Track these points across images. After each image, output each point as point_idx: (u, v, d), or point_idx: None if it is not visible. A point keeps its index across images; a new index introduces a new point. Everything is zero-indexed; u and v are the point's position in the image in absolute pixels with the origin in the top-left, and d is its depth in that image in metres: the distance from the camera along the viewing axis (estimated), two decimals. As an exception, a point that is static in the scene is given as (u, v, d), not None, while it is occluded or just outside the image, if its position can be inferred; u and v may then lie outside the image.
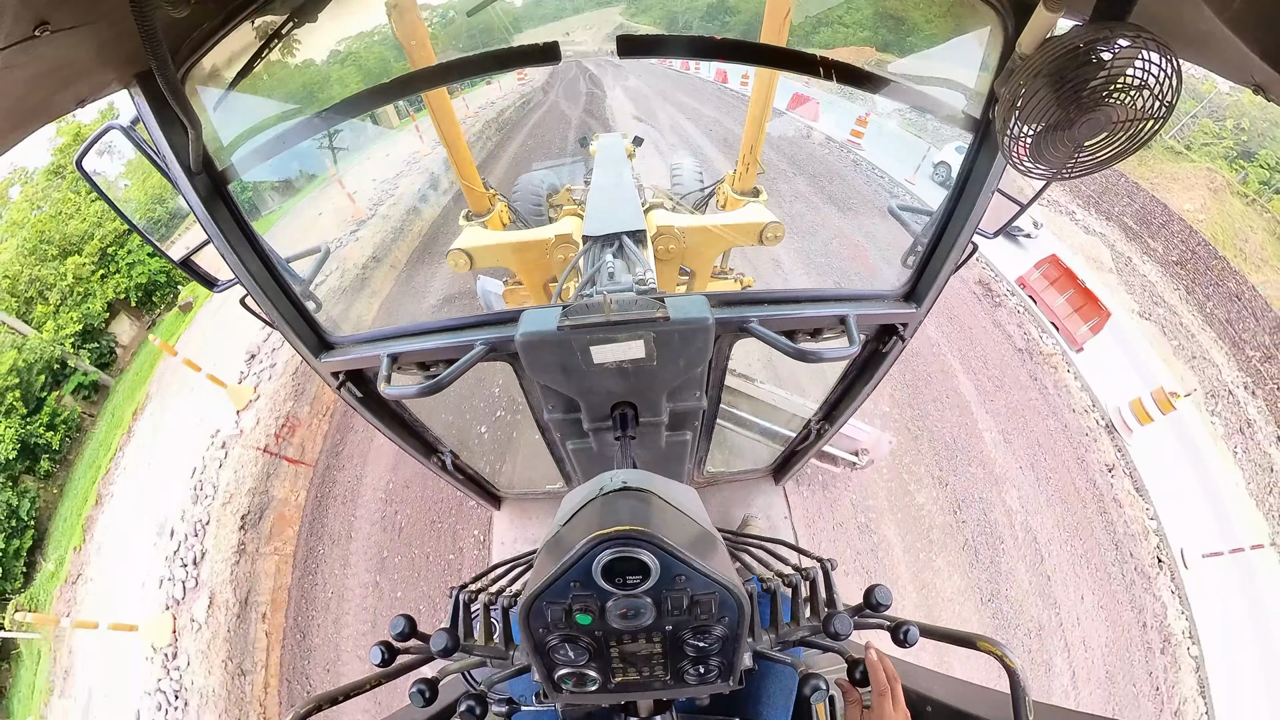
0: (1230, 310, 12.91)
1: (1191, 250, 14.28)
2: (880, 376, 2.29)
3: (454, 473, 2.99)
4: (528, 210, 4.35)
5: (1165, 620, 7.35)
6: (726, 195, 3.96)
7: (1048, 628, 6.80)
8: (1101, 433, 9.02)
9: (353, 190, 12.36)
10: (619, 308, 1.64)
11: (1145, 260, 14.35)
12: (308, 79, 1.84)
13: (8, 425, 10.08)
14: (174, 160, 1.37)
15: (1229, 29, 0.70)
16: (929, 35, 2.16)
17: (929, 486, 7.59)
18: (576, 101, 17.45)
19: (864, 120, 13.45)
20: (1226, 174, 16.25)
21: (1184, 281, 13.74)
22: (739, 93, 16.88)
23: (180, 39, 1.24)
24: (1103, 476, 8.49)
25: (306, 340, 1.91)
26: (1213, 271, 13.76)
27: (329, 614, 6.60)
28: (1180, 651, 7.18)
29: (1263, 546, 8.50)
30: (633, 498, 1.05)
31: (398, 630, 1.10)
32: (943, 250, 1.79)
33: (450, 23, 4.84)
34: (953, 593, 6.77)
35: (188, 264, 1.69)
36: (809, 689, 0.94)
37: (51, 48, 0.87)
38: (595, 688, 0.96)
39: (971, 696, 1.04)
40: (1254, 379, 11.48)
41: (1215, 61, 0.88)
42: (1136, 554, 7.81)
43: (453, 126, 3.29)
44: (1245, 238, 14.61)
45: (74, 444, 10.96)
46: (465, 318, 1.91)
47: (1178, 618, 7.42)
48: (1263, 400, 11.11)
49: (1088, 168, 1.18)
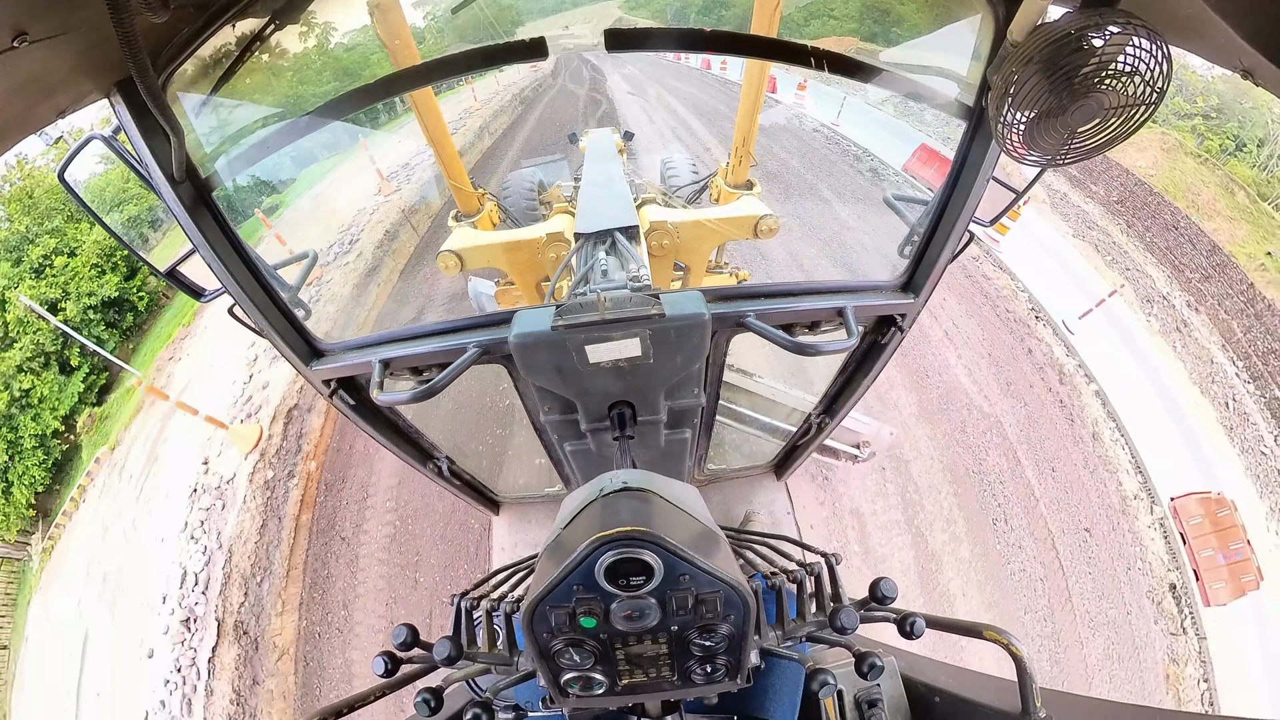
0: (1169, 239, 13.97)
1: (1130, 191, 14.92)
2: (880, 368, 2.31)
3: (450, 479, 3.00)
4: (518, 209, 4.35)
5: (1055, 357, 9.63)
6: (720, 189, 3.97)
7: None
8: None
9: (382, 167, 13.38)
10: (613, 306, 1.65)
11: (1087, 201, 14.99)
12: (290, 83, 1.83)
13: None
14: (157, 169, 1.37)
15: (1216, 14, 0.71)
16: (920, 23, 2.18)
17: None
18: (582, 82, 19.57)
19: (803, 85, 16.19)
20: (1182, 135, 16.86)
21: (1124, 216, 14.48)
22: (717, 75, 19.33)
23: (160, 45, 1.24)
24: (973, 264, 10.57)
25: (296, 348, 1.91)
26: (1149, 207, 14.47)
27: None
28: (1077, 380, 9.33)
29: (1116, 290, 11.35)
30: (633, 498, 1.05)
31: (400, 640, 1.10)
32: (939, 239, 1.81)
33: (434, 21, 4.82)
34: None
35: (173, 274, 1.68)
36: (816, 684, 0.95)
37: (29, 59, 0.87)
38: (602, 691, 0.97)
39: (979, 685, 1.05)
40: (1195, 296, 12.68)
41: (1203, 47, 0.89)
42: (1014, 309, 10.31)
43: (439, 126, 3.28)
44: (1197, 191, 15.15)
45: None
46: (457, 320, 1.91)
47: (1066, 358, 9.69)
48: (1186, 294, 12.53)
49: (1082, 154, 1.20)
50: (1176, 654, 7.32)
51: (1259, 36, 0.68)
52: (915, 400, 8.39)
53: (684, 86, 18.81)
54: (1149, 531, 8.17)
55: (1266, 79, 0.77)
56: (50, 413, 12.47)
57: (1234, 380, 11.03)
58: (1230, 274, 12.86)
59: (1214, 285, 12.78)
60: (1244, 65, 0.78)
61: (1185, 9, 0.83)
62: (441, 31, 4.85)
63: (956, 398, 8.59)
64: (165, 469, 9.19)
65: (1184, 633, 7.45)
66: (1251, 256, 13.14)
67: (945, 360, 9.08)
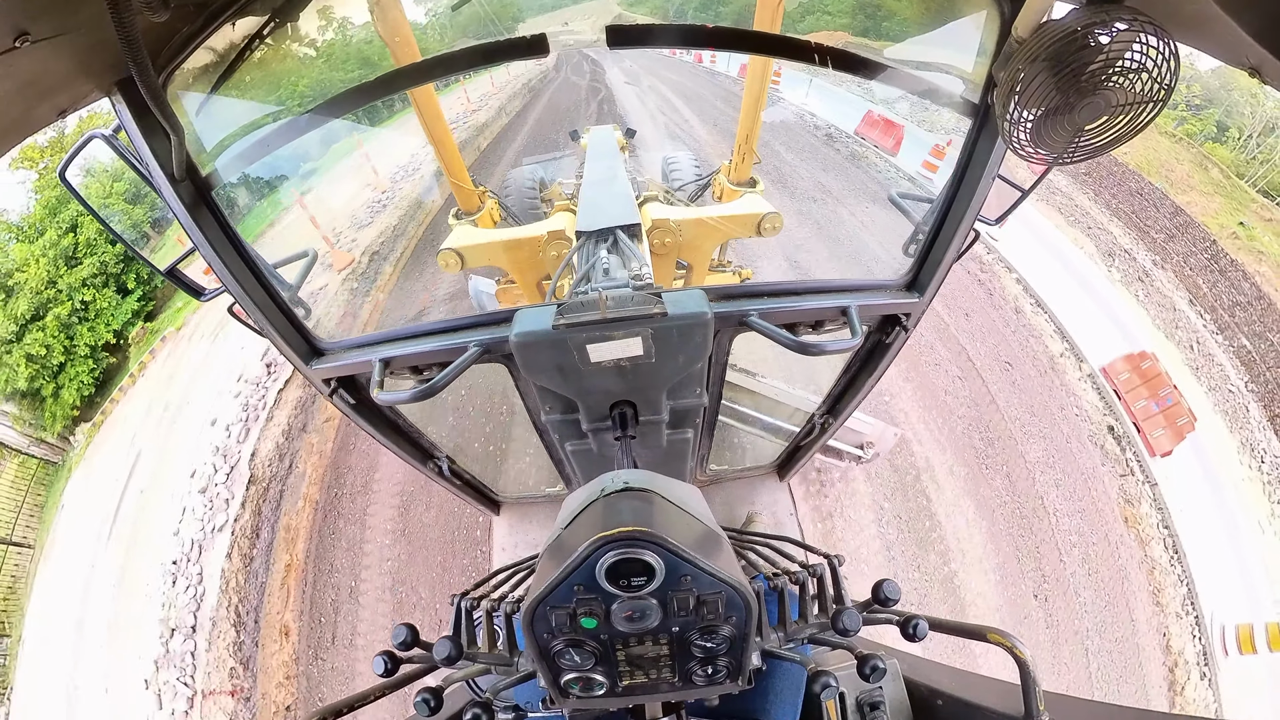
0: (1134, 204, 14.18)
1: (1099, 163, 14.99)
2: (884, 368, 2.31)
3: (451, 478, 3.01)
4: (519, 207, 4.35)
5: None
6: (723, 186, 3.97)
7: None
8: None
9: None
10: (615, 304, 1.65)
11: (1055, 175, 15.35)
12: (290, 81, 1.84)
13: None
14: (157, 168, 1.38)
15: (1223, 10, 0.71)
16: (924, 19, 2.17)
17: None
18: (584, 75, 20.40)
19: (778, 73, 16.65)
20: (1159, 119, 17.26)
21: (1090, 186, 14.56)
22: (705, 68, 20.48)
23: (160, 44, 1.25)
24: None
25: (296, 347, 1.92)
26: (1115, 176, 14.63)
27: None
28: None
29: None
30: (635, 498, 1.06)
31: (400, 640, 1.11)
32: (944, 238, 1.80)
33: (435, 18, 4.83)
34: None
35: (174, 274, 1.69)
36: (819, 686, 0.96)
37: (31, 59, 0.88)
38: (602, 692, 0.98)
39: (982, 688, 1.06)
40: (1161, 255, 13.01)
41: (1210, 44, 0.89)
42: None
43: (439, 123, 3.29)
44: (1171, 167, 15.43)
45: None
46: (458, 319, 1.92)
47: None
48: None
49: (1089, 152, 1.20)
50: (1129, 495, 7.86)
51: (1266, 33, 0.68)
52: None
53: (678, 78, 19.94)
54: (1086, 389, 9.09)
55: (1273, 76, 0.77)
56: (105, 326, 14.26)
57: (1197, 325, 11.72)
58: (1193, 232, 13.42)
59: (1178, 245, 13.23)
60: (1251, 62, 0.78)
61: (1192, 5, 0.83)
62: (442, 29, 4.85)
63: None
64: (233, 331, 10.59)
65: (1132, 474, 8.11)
66: (1224, 226, 13.65)
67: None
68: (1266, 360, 10.98)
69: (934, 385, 8.44)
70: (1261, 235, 13.39)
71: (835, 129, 14.44)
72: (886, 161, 12.90)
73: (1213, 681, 6.73)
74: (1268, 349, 11.15)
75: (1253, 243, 13.20)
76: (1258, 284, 12.27)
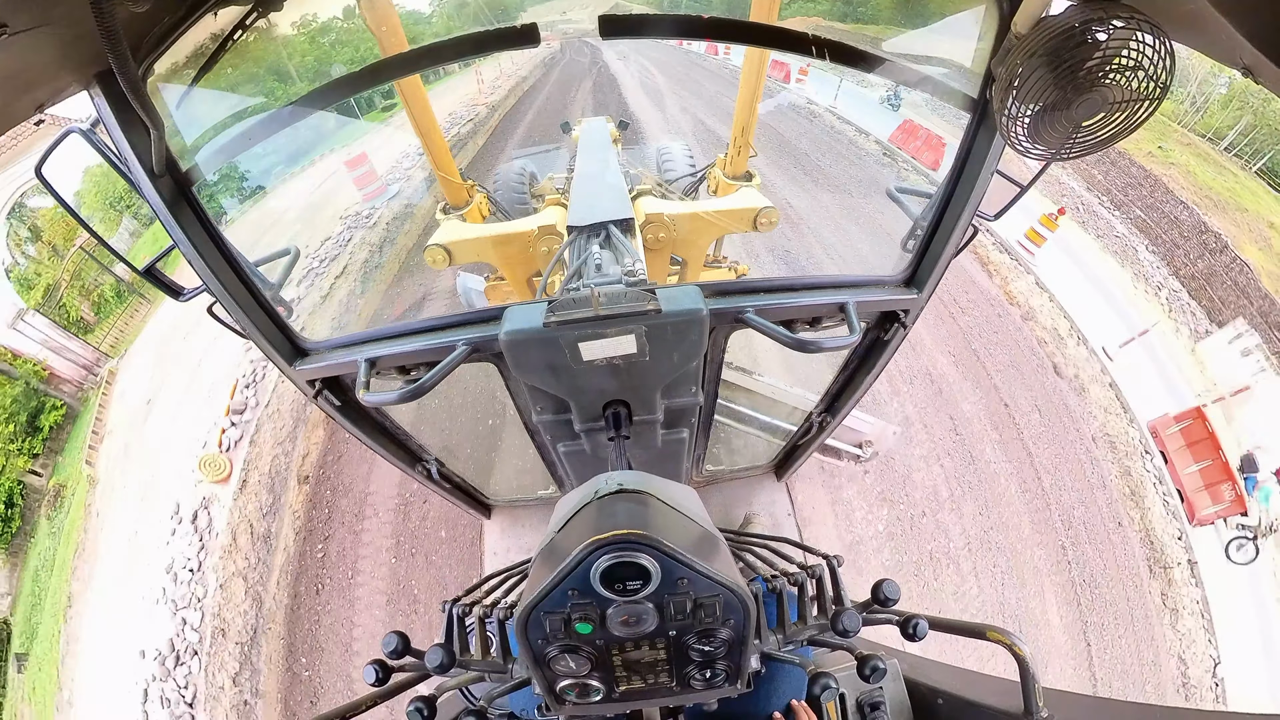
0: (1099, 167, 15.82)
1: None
2: (883, 365, 2.33)
3: (440, 481, 3.01)
4: (509, 201, 4.34)
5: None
6: (718, 180, 3.98)
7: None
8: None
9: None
10: (607, 301, 1.66)
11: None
12: (273, 73, 1.84)
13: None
14: (136, 163, 1.38)
15: (1218, 11, 0.74)
16: (924, 11, 2.20)
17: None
18: (580, 66, 21.25)
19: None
20: None
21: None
22: (686, 49, 21.32)
23: (140, 35, 1.24)
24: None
25: (279, 347, 1.91)
26: None
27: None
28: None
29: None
30: (630, 500, 1.07)
31: (391, 648, 1.11)
32: (943, 233, 1.82)
33: (424, 6, 4.80)
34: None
35: (151, 272, 1.69)
36: (819, 688, 0.98)
37: (9, 52, 0.88)
38: (599, 698, 0.99)
39: (982, 686, 1.09)
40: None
41: (1205, 43, 0.91)
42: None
43: (427, 115, 3.28)
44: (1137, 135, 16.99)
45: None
46: (446, 317, 1.92)
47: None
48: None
49: (1086, 147, 1.22)
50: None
51: (1259, 34, 0.70)
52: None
53: (664, 56, 20.87)
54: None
55: (1267, 77, 0.79)
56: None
57: (1097, 207, 13.85)
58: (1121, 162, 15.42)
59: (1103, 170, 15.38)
60: (1245, 63, 0.81)
61: (1187, 5, 0.85)
62: (431, 17, 4.84)
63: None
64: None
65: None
66: (1140, 148, 15.98)
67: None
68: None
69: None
70: (1179, 154, 16.21)
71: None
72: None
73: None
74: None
75: (1168, 158, 16.03)
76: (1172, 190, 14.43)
